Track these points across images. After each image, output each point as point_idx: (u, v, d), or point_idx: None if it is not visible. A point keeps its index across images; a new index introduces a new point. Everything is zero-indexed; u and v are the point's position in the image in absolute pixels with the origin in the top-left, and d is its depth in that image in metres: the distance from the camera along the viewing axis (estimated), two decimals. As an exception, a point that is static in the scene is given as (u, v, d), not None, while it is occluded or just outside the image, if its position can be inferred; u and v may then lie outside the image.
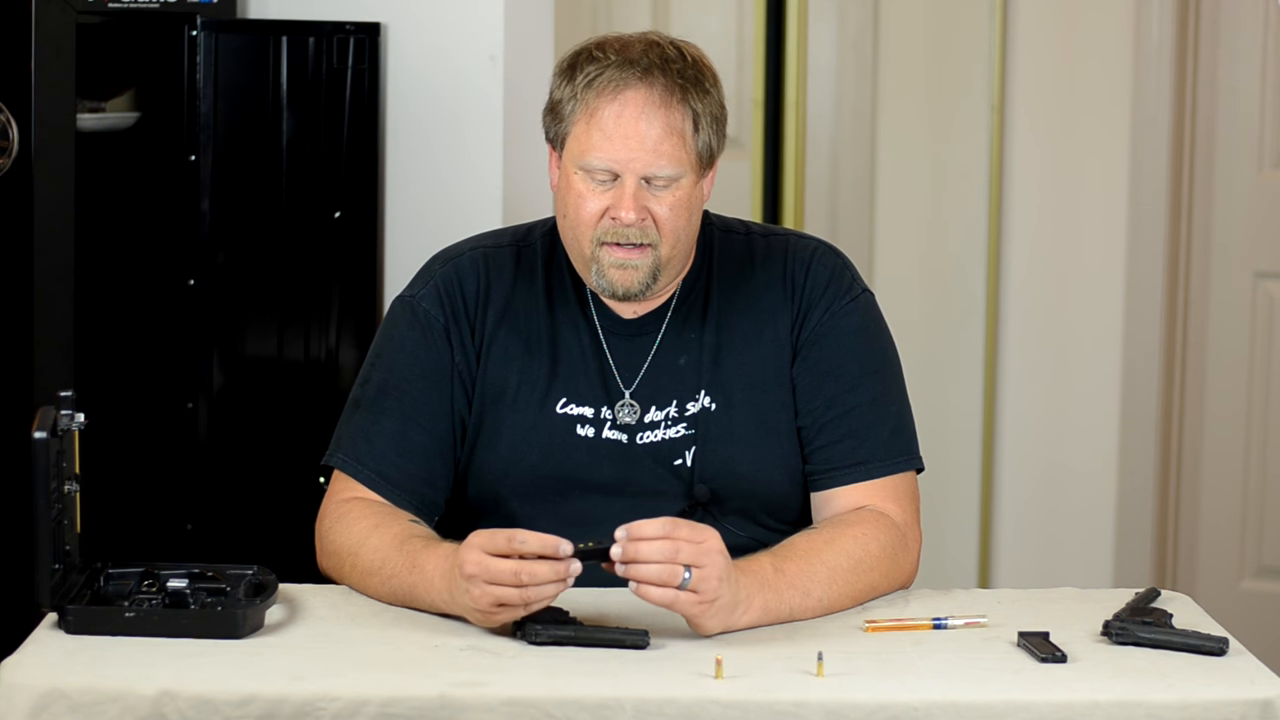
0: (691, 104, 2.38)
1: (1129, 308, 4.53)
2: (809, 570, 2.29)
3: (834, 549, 2.33)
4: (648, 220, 2.38)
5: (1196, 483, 4.60)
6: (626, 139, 2.36)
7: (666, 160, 2.37)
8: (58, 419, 2.19)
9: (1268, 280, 4.53)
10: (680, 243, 2.42)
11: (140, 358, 3.51)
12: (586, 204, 2.39)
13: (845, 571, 2.32)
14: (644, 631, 2.15)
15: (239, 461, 3.52)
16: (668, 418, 2.47)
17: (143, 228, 3.50)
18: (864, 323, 2.51)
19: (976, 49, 4.57)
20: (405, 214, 3.61)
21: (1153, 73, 4.47)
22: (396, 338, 2.51)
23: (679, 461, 2.46)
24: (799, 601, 2.26)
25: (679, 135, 2.37)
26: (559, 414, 2.46)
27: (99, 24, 3.37)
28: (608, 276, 2.41)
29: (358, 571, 2.35)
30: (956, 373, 4.64)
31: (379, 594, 2.32)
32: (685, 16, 4.62)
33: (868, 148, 4.70)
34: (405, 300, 2.53)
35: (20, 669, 2.06)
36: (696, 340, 2.49)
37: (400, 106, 3.60)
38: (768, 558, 2.28)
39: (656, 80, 2.37)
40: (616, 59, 2.38)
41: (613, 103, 2.37)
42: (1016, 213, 4.57)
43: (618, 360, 2.48)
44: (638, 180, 2.37)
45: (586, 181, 2.39)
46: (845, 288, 2.51)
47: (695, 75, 2.40)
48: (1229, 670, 2.12)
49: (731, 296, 2.51)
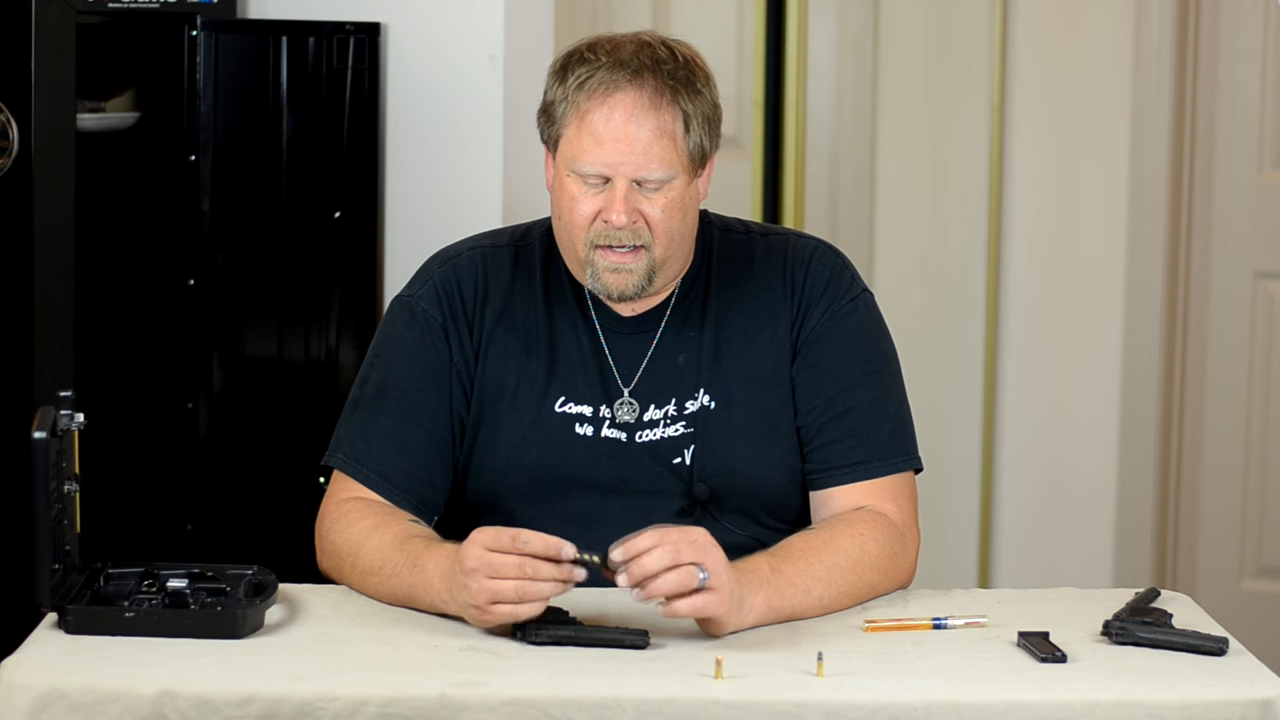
0: (682, 105, 2.38)
1: (1129, 307, 4.53)
2: (808, 569, 2.29)
3: (832, 548, 2.33)
4: (639, 222, 2.38)
5: (1196, 482, 4.60)
6: (616, 142, 2.36)
7: (657, 163, 2.36)
8: (57, 419, 2.19)
9: (1268, 280, 4.53)
10: (675, 243, 2.42)
11: (140, 358, 3.51)
12: (579, 207, 2.39)
13: (844, 570, 2.32)
14: (644, 631, 2.15)
15: (239, 461, 3.52)
16: (667, 416, 2.47)
17: (143, 228, 3.50)
18: (864, 323, 2.51)
19: (976, 49, 4.57)
20: (405, 214, 3.61)
21: (1153, 73, 4.47)
22: (395, 337, 2.51)
23: (678, 460, 2.46)
24: (800, 600, 2.26)
25: (669, 137, 2.37)
26: (557, 413, 2.46)
27: (99, 24, 3.37)
28: (602, 280, 2.41)
29: (358, 572, 2.35)
30: (956, 373, 4.64)
31: (379, 594, 2.32)
32: (685, 16, 4.62)
33: (868, 148, 4.70)
34: (404, 300, 2.53)
35: (20, 669, 2.06)
36: (696, 339, 2.49)
37: (400, 106, 3.60)
38: (764, 558, 2.28)
39: (646, 82, 2.37)
40: (607, 60, 2.38)
41: (602, 105, 2.36)
42: (1016, 213, 4.57)
43: (616, 359, 2.48)
44: (629, 183, 2.37)
45: (579, 184, 2.39)
46: (845, 287, 2.51)
47: (687, 76, 2.40)
48: (1229, 670, 2.12)
49: (731, 295, 2.51)
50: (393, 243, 3.61)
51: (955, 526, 4.65)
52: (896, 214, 4.70)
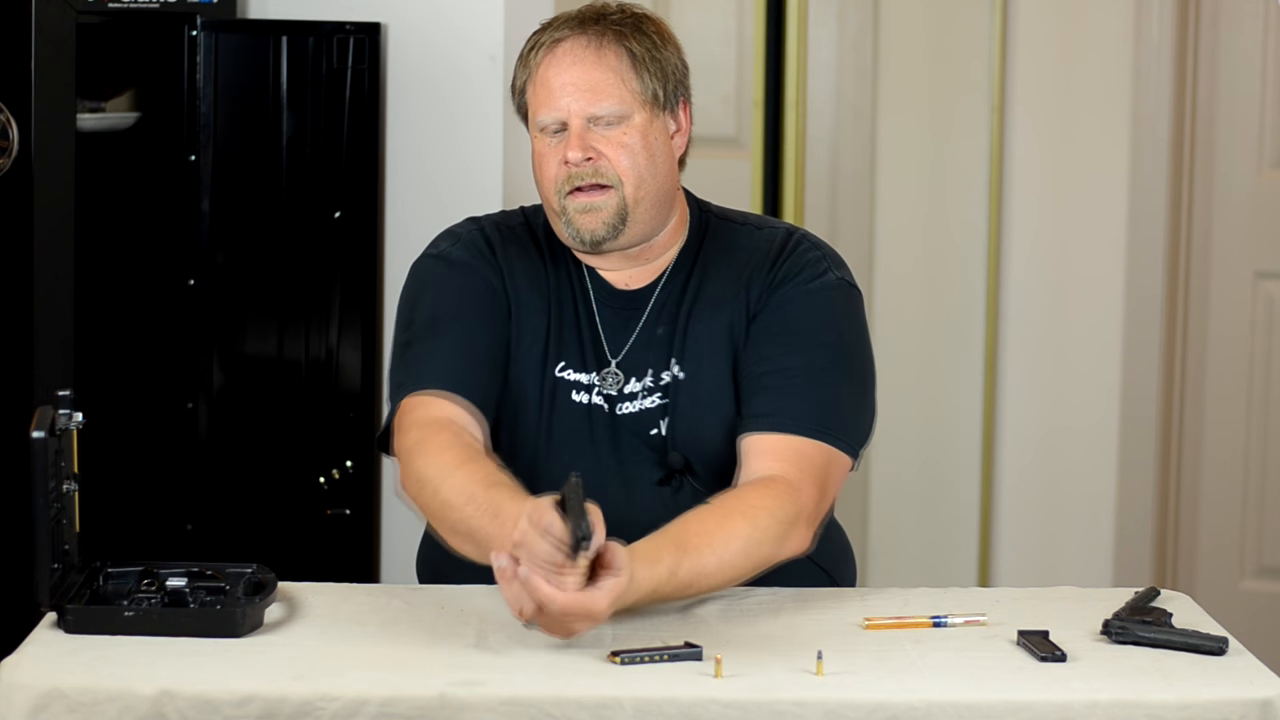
0: (627, 45, 2.46)
1: (1129, 307, 4.53)
2: (701, 567, 2.24)
3: (723, 528, 2.27)
4: (599, 160, 2.44)
5: (1196, 482, 4.60)
6: (564, 87, 2.45)
7: (605, 98, 2.44)
8: (56, 418, 2.19)
9: (1268, 280, 4.53)
10: (645, 184, 2.46)
11: (140, 358, 3.51)
12: (548, 161, 2.47)
13: (737, 555, 2.27)
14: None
15: (239, 461, 3.52)
16: (644, 388, 2.50)
17: (143, 228, 3.50)
18: (829, 303, 2.51)
19: (976, 49, 4.57)
20: (405, 214, 3.61)
21: (1153, 73, 4.47)
22: (433, 281, 2.54)
23: (655, 431, 2.49)
24: (688, 593, 2.24)
25: (614, 73, 2.45)
26: (557, 376, 2.50)
27: (99, 24, 3.37)
28: (574, 223, 2.46)
29: (438, 501, 2.32)
30: (956, 373, 4.64)
31: (454, 527, 2.29)
32: (685, 16, 4.62)
33: (868, 148, 4.70)
34: (432, 256, 2.57)
35: (20, 669, 2.06)
36: (673, 312, 2.52)
37: (400, 106, 3.60)
38: (667, 566, 2.20)
39: (589, 29, 2.46)
40: (556, 24, 2.48)
41: (550, 57, 2.46)
42: (1016, 213, 4.57)
43: (608, 331, 2.52)
44: (583, 122, 2.44)
45: (544, 140, 2.47)
46: (819, 272, 2.52)
47: (633, 23, 2.48)
48: (1229, 670, 2.12)
49: (712, 272, 2.53)
50: (393, 243, 3.61)
51: (955, 526, 4.65)
52: (896, 214, 4.70)
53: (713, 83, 4.49)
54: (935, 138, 4.67)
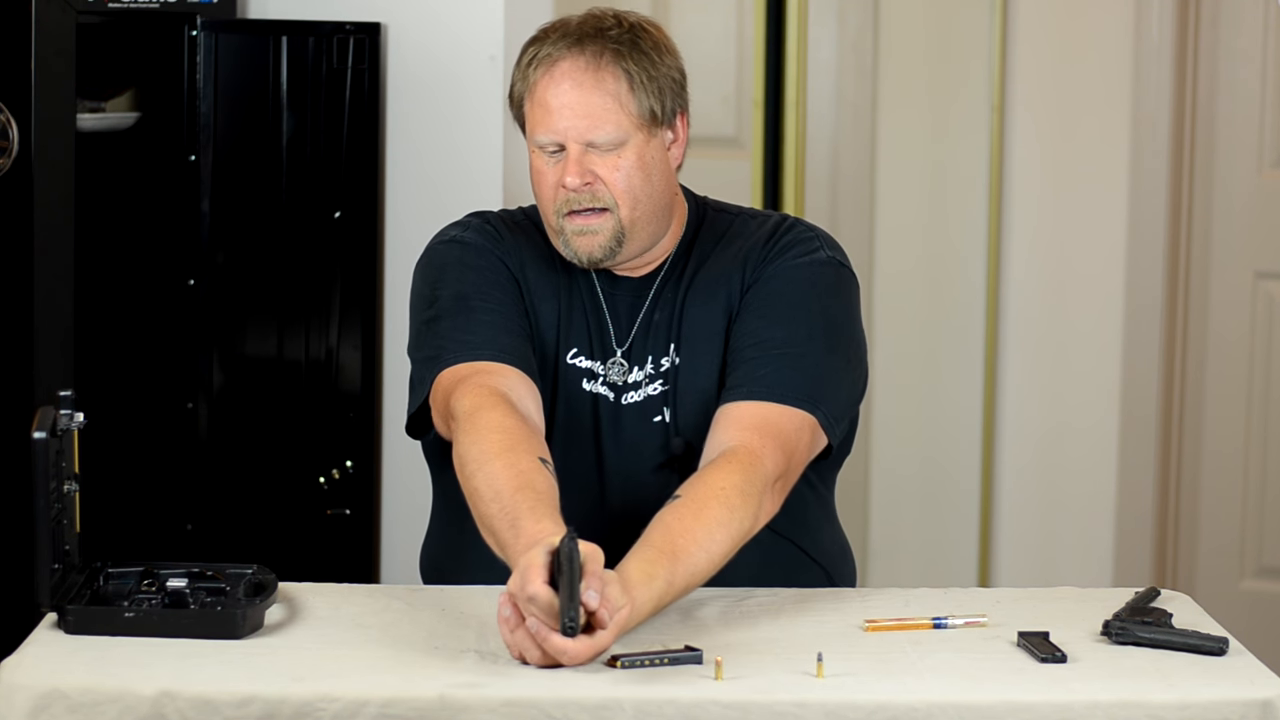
0: (625, 66, 2.44)
1: (1129, 307, 4.53)
2: (694, 569, 2.23)
3: (703, 522, 2.25)
4: (596, 184, 2.44)
5: (1196, 482, 4.60)
6: (562, 109, 2.43)
7: (604, 125, 2.43)
8: (57, 418, 2.19)
9: (1268, 280, 4.53)
10: (641, 205, 2.46)
11: (140, 358, 3.51)
12: (545, 180, 2.46)
13: (722, 544, 2.26)
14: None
15: (239, 461, 3.52)
16: (647, 376, 2.51)
17: (143, 228, 3.50)
18: (816, 278, 2.51)
19: (976, 49, 4.57)
20: (405, 214, 3.61)
21: (1153, 73, 4.46)
22: (453, 261, 2.54)
23: (658, 418, 2.50)
24: (686, 594, 2.24)
25: (612, 97, 2.43)
26: (569, 364, 2.51)
27: (99, 24, 3.37)
28: (571, 245, 2.47)
29: (468, 486, 2.29)
30: (956, 372, 4.64)
31: (479, 517, 2.27)
32: (685, 16, 4.62)
33: (868, 148, 4.70)
34: (446, 241, 2.57)
35: (20, 669, 2.06)
36: (671, 298, 2.53)
37: (400, 106, 3.60)
38: (663, 579, 2.19)
39: (587, 48, 2.44)
40: (554, 36, 2.46)
41: (548, 76, 2.44)
42: (1016, 213, 4.57)
43: (614, 320, 2.53)
44: (581, 147, 2.43)
45: (542, 158, 2.47)
46: (812, 249, 2.52)
47: (630, 39, 2.46)
48: (1229, 670, 2.12)
49: (707, 260, 2.54)
50: (393, 243, 3.61)
51: (955, 526, 4.65)
52: (896, 214, 4.70)
53: (713, 83, 4.49)
54: (935, 137, 4.67)
